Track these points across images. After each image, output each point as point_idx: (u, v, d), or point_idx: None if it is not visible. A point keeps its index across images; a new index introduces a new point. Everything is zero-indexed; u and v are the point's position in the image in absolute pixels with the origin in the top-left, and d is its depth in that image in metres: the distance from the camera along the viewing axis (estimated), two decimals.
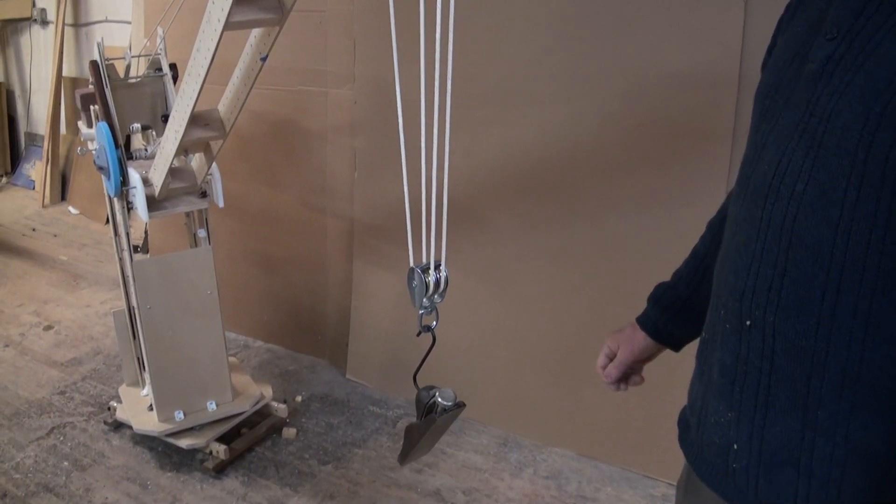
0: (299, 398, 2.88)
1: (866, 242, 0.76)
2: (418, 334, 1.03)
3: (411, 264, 0.99)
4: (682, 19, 2.14)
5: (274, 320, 3.32)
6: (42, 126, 5.41)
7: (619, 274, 2.38)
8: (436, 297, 0.99)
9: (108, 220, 4.74)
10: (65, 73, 5.05)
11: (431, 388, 1.04)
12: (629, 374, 1.27)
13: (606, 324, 2.44)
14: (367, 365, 3.02)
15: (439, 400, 1.01)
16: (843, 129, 0.78)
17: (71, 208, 5.00)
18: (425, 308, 1.00)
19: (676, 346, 1.24)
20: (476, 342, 2.68)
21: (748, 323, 0.87)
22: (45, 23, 5.33)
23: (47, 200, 5.09)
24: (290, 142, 3.11)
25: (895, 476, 0.81)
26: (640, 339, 1.24)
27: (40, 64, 5.45)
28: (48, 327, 3.39)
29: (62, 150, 5.15)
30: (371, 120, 2.85)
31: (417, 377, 1.06)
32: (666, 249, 2.27)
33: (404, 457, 1.12)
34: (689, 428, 1.02)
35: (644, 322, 1.24)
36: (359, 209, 2.94)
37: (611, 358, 1.26)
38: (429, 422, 1.03)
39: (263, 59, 1.61)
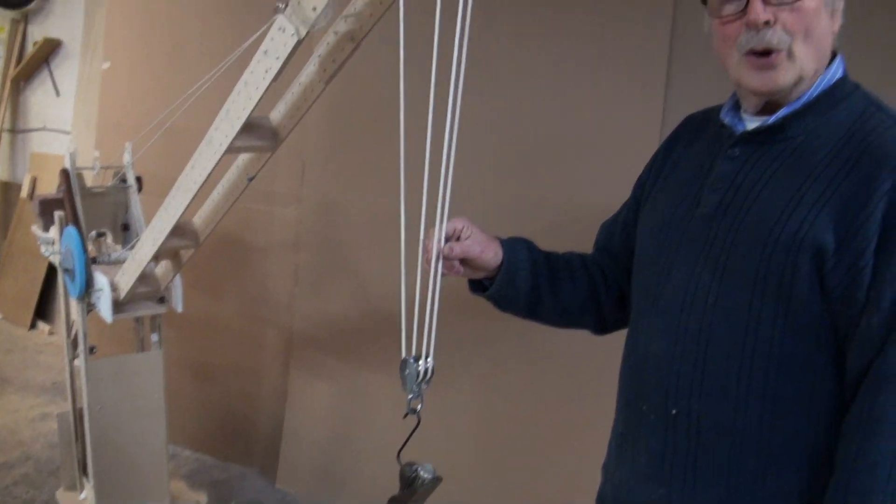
0: None
1: (769, 337, 1.01)
2: (405, 416, 1.20)
3: (403, 355, 1.18)
4: (605, 160, 2.45)
5: (204, 429, 3.36)
6: None
7: (580, 379, 2.56)
8: (423, 384, 1.18)
9: (32, 325, 4.72)
10: None
11: (412, 463, 1.20)
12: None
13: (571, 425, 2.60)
14: (297, 474, 3.09)
15: (421, 473, 1.18)
16: (743, 256, 1.04)
17: None
18: (414, 393, 1.18)
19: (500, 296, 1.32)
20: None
21: (674, 412, 1.09)
22: None
23: None
24: (233, 255, 3.25)
25: None
26: (492, 258, 1.28)
27: None
28: None
29: None
30: (315, 238, 3.05)
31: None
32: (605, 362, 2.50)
33: None
34: None
35: (512, 260, 1.29)
36: (298, 321, 3.09)
37: (452, 237, 1.25)
38: (410, 492, 1.19)
39: (250, 179, 1.81)
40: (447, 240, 1.25)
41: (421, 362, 1.17)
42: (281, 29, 1.32)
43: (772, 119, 1.09)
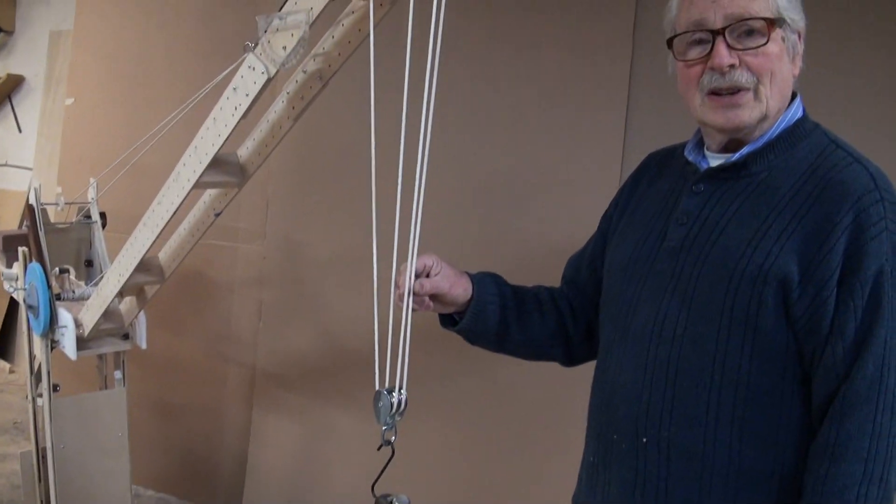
0: None
1: (737, 366, 1.05)
2: (379, 448, 1.21)
3: (377, 387, 1.19)
4: (568, 197, 2.50)
5: (167, 468, 3.31)
6: None
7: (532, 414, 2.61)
8: (397, 416, 1.19)
9: None
10: None
11: (388, 495, 1.21)
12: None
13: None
14: None
15: None
16: (710, 288, 1.08)
17: None
18: (388, 425, 1.19)
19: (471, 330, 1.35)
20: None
21: (644, 440, 1.11)
22: None
23: None
24: (197, 291, 3.23)
25: None
26: (462, 293, 1.31)
27: None
28: None
29: None
30: (279, 275, 3.05)
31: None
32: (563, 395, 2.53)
33: None
34: None
35: (481, 295, 1.32)
36: (262, 358, 3.07)
37: (423, 273, 1.27)
38: None
39: (217, 215, 1.82)
40: (417, 276, 1.27)
41: (395, 394, 1.18)
42: (251, 67, 1.34)
43: (735, 156, 1.13)
